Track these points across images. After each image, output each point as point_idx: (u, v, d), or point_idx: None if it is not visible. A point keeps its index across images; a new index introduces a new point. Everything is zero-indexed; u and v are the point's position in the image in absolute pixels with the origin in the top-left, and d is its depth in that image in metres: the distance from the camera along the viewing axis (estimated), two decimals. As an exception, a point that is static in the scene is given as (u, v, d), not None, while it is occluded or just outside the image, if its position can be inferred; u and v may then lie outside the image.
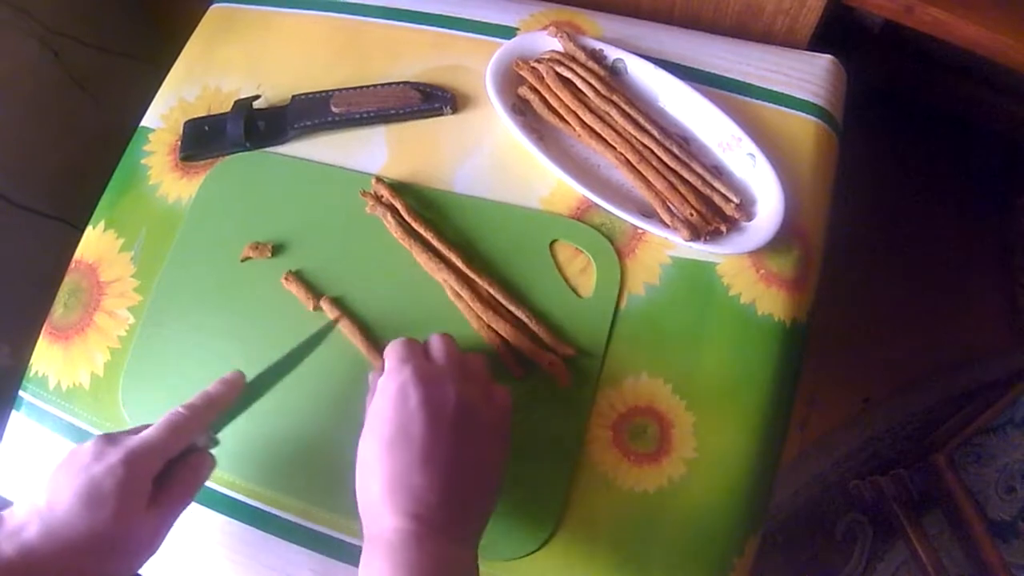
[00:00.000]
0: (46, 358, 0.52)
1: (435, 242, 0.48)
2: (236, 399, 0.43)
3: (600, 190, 0.48)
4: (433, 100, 0.54)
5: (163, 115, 0.58)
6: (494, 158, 0.52)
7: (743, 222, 0.48)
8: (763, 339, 0.46)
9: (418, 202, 0.51)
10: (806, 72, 0.53)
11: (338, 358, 0.47)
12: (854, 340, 1.02)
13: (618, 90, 0.51)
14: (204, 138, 0.55)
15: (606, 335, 0.46)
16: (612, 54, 0.53)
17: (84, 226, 0.55)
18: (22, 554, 0.35)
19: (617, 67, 0.53)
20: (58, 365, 0.52)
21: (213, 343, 0.49)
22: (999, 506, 0.76)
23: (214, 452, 0.42)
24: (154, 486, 0.38)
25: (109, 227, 0.54)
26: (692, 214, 0.47)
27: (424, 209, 0.51)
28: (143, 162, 0.56)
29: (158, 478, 0.38)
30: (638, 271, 0.48)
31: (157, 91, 0.59)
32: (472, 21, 0.57)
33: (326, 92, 0.55)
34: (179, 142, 0.55)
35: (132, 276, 0.53)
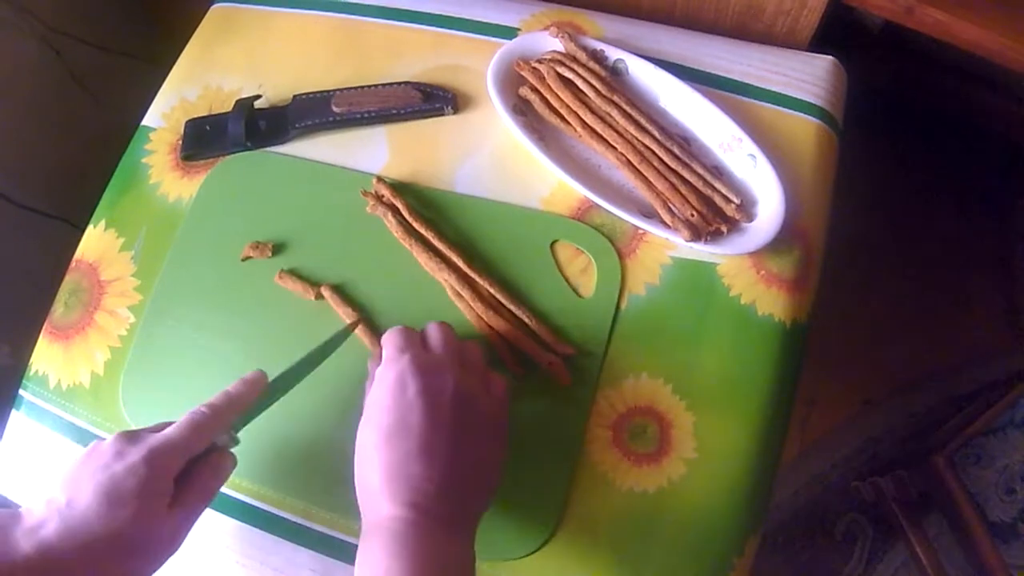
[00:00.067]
0: (46, 357, 0.52)
1: (436, 242, 0.48)
2: (257, 399, 0.42)
3: (601, 190, 0.48)
4: (434, 100, 0.54)
5: (164, 114, 0.58)
6: (495, 158, 0.52)
7: (744, 223, 0.48)
8: (763, 340, 0.46)
9: (419, 202, 0.51)
10: (806, 73, 0.54)
11: (338, 360, 0.47)
12: (854, 340, 1.02)
13: (619, 90, 0.51)
14: (205, 137, 0.55)
15: (606, 335, 0.46)
16: (613, 54, 0.53)
17: (84, 225, 0.55)
18: (40, 551, 0.34)
19: (618, 67, 0.53)
20: (58, 364, 0.52)
21: (213, 342, 0.49)
22: (999, 507, 0.76)
23: (234, 451, 0.41)
24: (175, 485, 0.37)
25: (110, 226, 0.55)
26: (693, 215, 0.47)
27: (425, 209, 0.51)
28: (144, 161, 0.56)
29: (179, 477, 0.38)
30: (639, 271, 0.48)
31: (158, 90, 0.59)
32: (473, 21, 0.57)
33: (327, 92, 0.55)
34: (180, 141, 0.55)
35: (132, 275, 0.53)
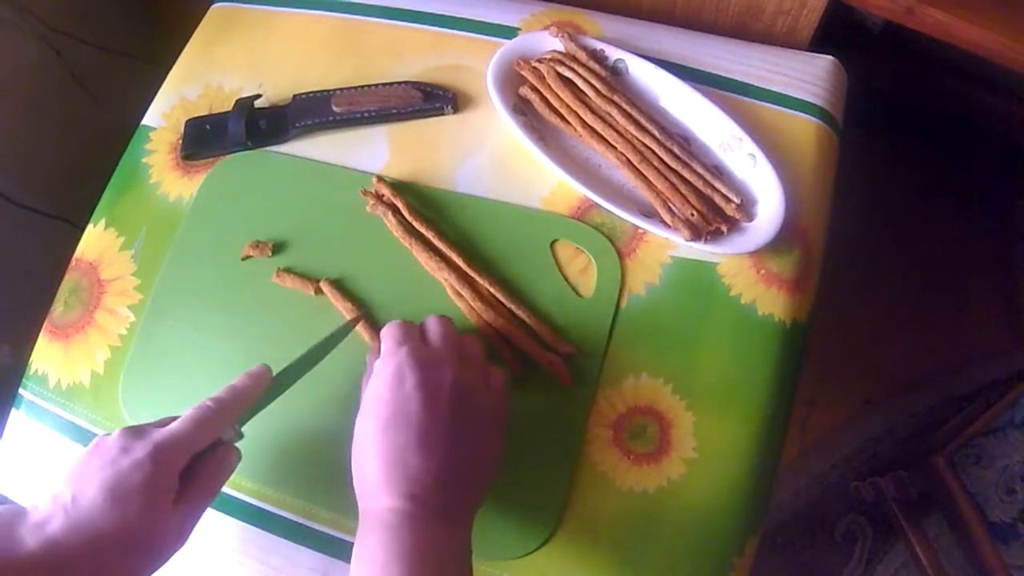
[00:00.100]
0: (46, 356, 0.52)
1: (436, 241, 0.48)
2: (262, 393, 0.42)
3: (601, 190, 0.48)
4: (434, 100, 0.54)
5: (164, 114, 0.58)
6: (495, 158, 0.52)
7: (744, 222, 0.48)
8: (763, 339, 0.46)
9: (419, 201, 0.51)
10: (807, 73, 0.54)
11: (339, 359, 0.47)
12: (854, 340, 1.02)
13: (619, 90, 0.51)
14: (205, 137, 0.55)
15: (606, 335, 0.46)
16: (613, 54, 0.53)
17: (84, 225, 0.55)
18: (46, 548, 0.34)
19: (618, 67, 0.53)
20: (58, 363, 0.52)
21: (213, 341, 0.49)
22: (999, 508, 0.76)
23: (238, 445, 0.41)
24: (180, 481, 0.37)
25: (110, 225, 0.55)
26: (693, 214, 0.47)
27: (425, 208, 0.51)
28: (144, 161, 0.56)
29: (183, 473, 0.37)
30: (639, 271, 0.48)
31: (158, 90, 0.59)
32: (473, 21, 0.57)
33: (327, 91, 0.55)
34: (180, 141, 0.55)
35: (133, 274, 0.53)
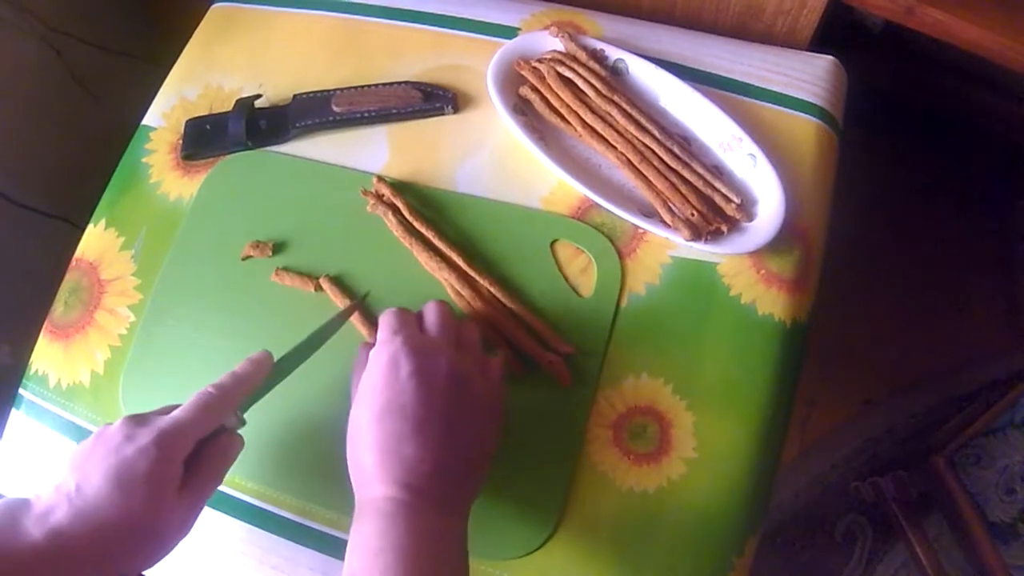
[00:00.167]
0: (46, 356, 0.52)
1: (436, 241, 0.48)
2: (264, 379, 0.42)
3: (601, 190, 0.48)
4: (434, 100, 0.54)
5: (164, 114, 0.58)
6: (495, 158, 0.52)
7: (744, 222, 0.48)
8: (763, 339, 0.46)
9: (419, 201, 0.51)
10: (807, 73, 0.54)
11: (338, 358, 0.47)
12: (854, 340, 1.02)
13: (619, 90, 0.51)
14: (205, 137, 0.55)
15: (606, 335, 0.46)
16: (613, 54, 0.53)
17: (85, 225, 0.55)
18: (50, 537, 0.34)
19: (618, 67, 0.53)
20: (58, 363, 0.52)
21: (213, 341, 0.49)
22: (999, 508, 0.76)
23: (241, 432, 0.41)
24: (184, 468, 0.37)
25: (110, 225, 0.55)
26: (693, 214, 0.47)
27: (425, 208, 0.51)
28: (144, 161, 0.56)
29: (187, 460, 0.37)
30: (639, 271, 0.48)
31: (158, 90, 0.59)
32: (473, 21, 0.57)
33: (327, 91, 0.55)
34: (180, 141, 0.55)
35: (133, 274, 0.53)
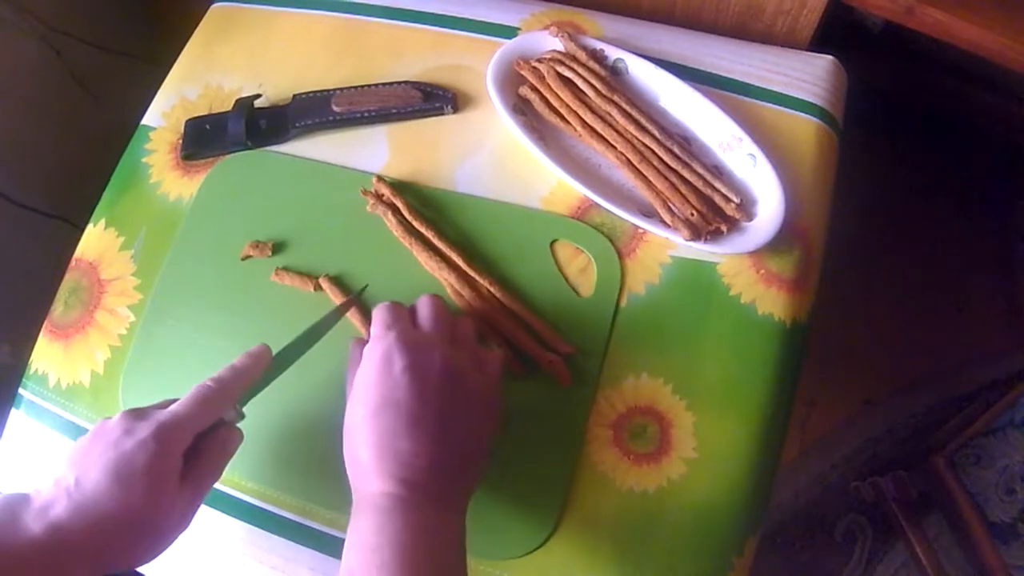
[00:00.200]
0: (46, 356, 0.52)
1: (436, 241, 0.48)
2: (262, 372, 0.42)
3: (601, 190, 0.48)
4: (434, 99, 0.54)
5: (164, 113, 0.58)
6: (495, 157, 0.52)
7: (743, 222, 0.48)
8: (763, 339, 0.46)
9: (419, 201, 0.51)
10: (806, 72, 0.54)
11: (336, 357, 0.47)
12: (854, 340, 1.02)
13: (619, 90, 0.51)
14: (205, 137, 0.55)
15: (606, 334, 0.46)
16: (613, 54, 0.53)
17: (84, 225, 0.55)
18: (50, 532, 0.34)
19: (618, 67, 0.53)
20: (58, 363, 0.52)
21: (213, 341, 0.49)
22: (999, 508, 0.76)
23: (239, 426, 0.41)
24: (183, 462, 0.37)
25: (110, 225, 0.55)
26: (693, 214, 0.47)
27: (425, 208, 0.51)
28: (144, 160, 0.56)
29: (186, 453, 0.37)
30: (638, 271, 0.48)
31: (158, 90, 0.59)
32: (473, 21, 0.57)
33: (327, 91, 0.55)
34: (180, 141, 0.55)
35: (132, 274, 0.53)
